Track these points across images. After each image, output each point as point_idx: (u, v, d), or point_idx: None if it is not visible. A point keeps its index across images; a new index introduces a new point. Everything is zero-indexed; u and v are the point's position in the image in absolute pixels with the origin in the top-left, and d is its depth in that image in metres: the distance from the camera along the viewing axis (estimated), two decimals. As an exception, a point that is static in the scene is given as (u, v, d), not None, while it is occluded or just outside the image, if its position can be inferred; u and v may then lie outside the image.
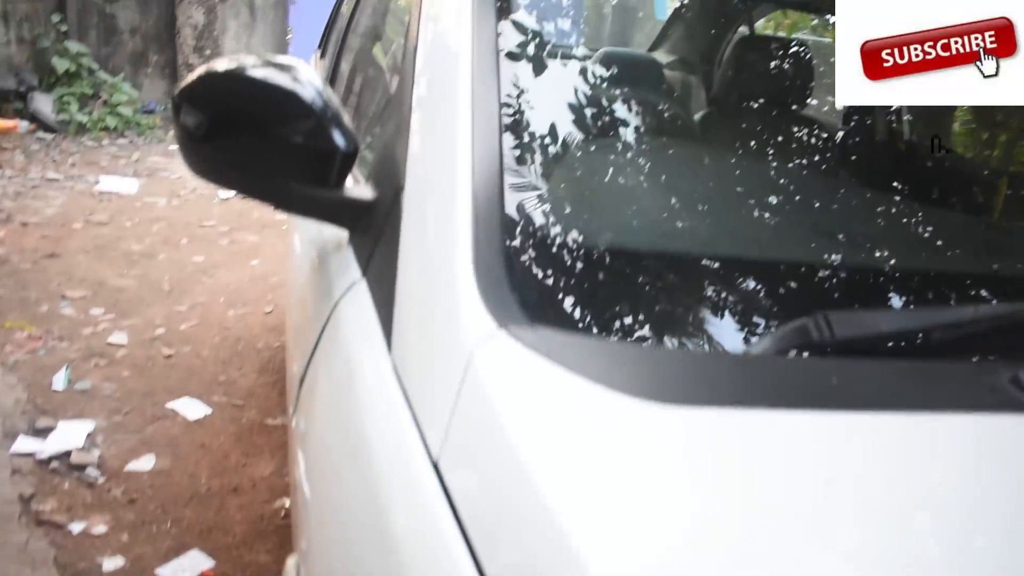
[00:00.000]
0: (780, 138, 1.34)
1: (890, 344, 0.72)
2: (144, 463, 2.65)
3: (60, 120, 6.90)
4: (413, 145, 0.94)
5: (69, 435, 2.74)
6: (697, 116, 1.63)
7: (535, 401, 0.62)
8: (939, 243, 1.09)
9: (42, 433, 2.73)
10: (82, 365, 3.23)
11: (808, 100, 1.60)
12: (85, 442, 2.71)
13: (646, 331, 0.74)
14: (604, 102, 1.20)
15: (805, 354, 0.68)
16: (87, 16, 7.32)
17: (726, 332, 0.74)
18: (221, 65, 1.00)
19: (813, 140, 1.43)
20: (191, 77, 1.00)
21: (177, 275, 4.24)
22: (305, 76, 1.00)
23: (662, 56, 2.11)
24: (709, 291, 0.80)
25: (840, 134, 1.50)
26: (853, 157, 1.39)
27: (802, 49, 1.65)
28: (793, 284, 0.85)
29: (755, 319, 0.76)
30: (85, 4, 7.29)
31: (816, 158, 1.36)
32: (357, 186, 1.02)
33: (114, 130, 7.15)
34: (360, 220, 1.00)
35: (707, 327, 0.75)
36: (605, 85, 1.28)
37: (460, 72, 0.93)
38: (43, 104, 6.90)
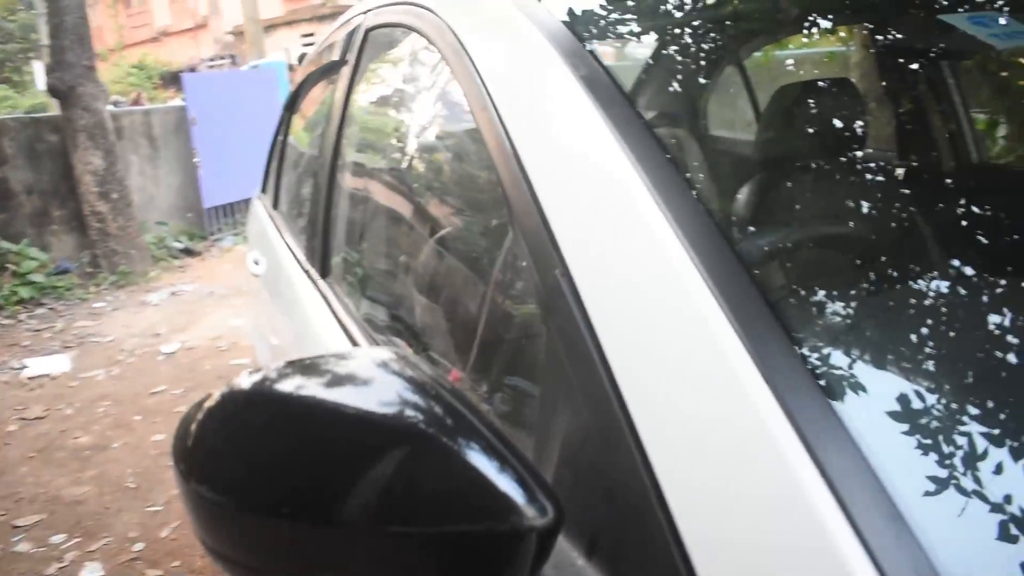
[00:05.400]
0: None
1: None
2: None
3: (-33, 304, 6.25)
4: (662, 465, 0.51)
5: None
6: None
7: None
8: None
9: None
10: (55, 619, 2.67)
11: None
12: None
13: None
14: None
15: None
16: (-25, 185, 6.72)
17: None
18: (244, 382, 0.57)
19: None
20: (192, 421, 0.57)
21: (140, 465, 3.69)
22: (432, 382, 0.57)
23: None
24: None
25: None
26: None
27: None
28: None
29: None
30: (-29, 173, 6.70)
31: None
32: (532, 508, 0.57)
33: (30, 301, 6.53)
34: None
35: None
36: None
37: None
38: (-55, 290, 6.26)
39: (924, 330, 0.72)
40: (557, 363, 0.63)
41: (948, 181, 1.63)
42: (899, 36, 1.57)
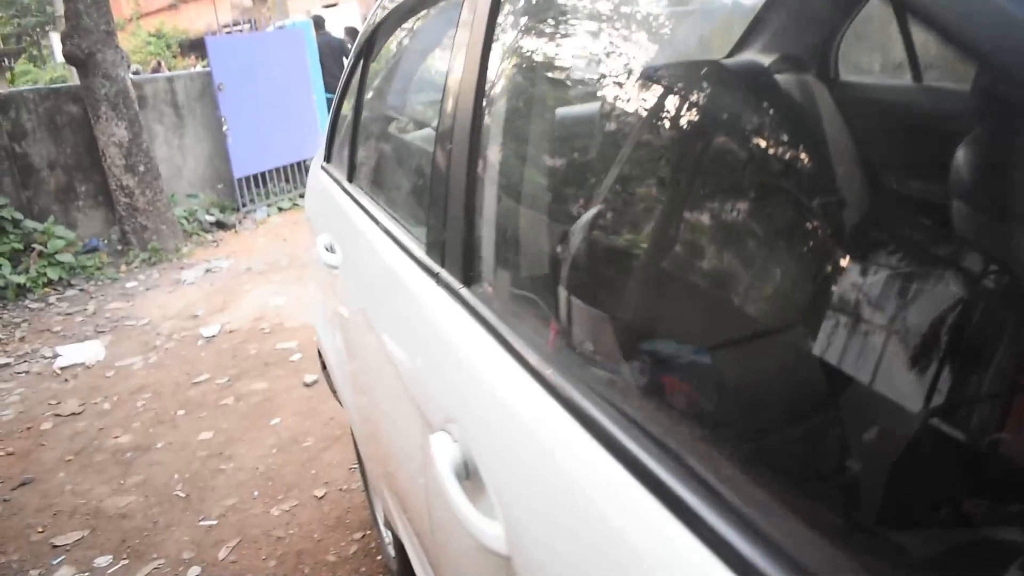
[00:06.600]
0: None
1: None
2: None
3: (-6, 287, 5.92)
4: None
5: None
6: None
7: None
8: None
9: None
10: (105, 663, 2.31)
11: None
12: None
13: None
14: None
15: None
16: (-4, 161, 6.34)
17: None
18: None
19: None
20: None
21: (187, 469, 3.32)
22: None
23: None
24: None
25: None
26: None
27: None
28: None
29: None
30: (-10, 149, 6.32)
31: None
32: None
33: (59, 282, 6.19)
34: None
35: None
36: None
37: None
38: (-31, 274, 5.92)
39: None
40: None
41: None
42: None
